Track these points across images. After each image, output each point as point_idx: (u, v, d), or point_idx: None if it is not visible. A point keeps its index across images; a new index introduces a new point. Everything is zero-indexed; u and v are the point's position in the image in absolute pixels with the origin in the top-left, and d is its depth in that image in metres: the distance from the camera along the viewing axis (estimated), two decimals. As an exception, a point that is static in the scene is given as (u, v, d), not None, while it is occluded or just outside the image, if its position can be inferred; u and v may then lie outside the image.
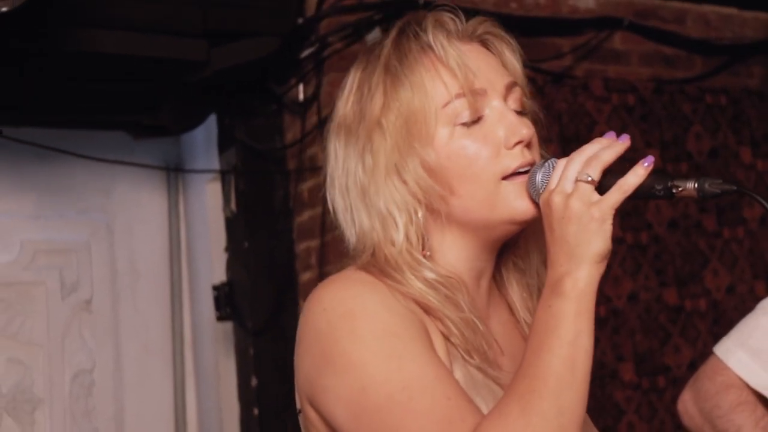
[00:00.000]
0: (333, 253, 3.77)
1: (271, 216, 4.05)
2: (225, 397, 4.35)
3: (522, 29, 3.94)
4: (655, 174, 1.37)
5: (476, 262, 1.54)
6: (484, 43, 1.56)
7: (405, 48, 1.52)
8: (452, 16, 1.55)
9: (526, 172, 1.48)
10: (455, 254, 1.52)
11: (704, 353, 4.00)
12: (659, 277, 4.04)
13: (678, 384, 3.92)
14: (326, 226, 3.79)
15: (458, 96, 1.48)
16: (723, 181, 1.35)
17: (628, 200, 1.38)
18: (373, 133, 1.50)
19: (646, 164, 1.37)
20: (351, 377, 1.37)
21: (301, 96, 3.96)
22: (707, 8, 4.45)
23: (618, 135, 1.45)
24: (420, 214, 1.49)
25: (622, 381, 3.76)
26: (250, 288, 4.04)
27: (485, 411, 1.36)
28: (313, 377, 1.43)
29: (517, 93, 1.53)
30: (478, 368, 1.45)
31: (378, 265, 1.47)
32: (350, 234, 1.54)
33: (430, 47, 1.51)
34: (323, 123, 3.80)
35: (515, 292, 1.63)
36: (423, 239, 1.50)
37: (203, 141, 4.55)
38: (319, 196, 3.85)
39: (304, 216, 3.98)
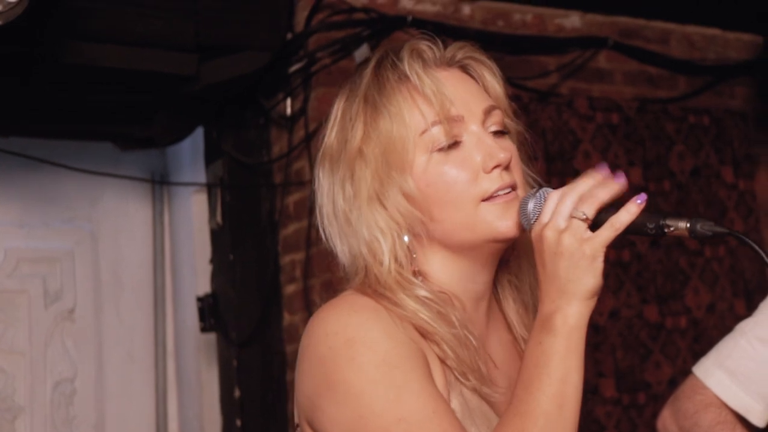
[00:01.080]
0: (318, 266, 3.77)
1: (256, 229, 4.05)
2: (207, 407, 4.34)
3: (508, 47, 3.98)
4: (647, 211, 1.38)
5: (472, 284, 1.55)
6: (464, 69, 1.58)
7: (383, 78, 1.54)
8: (430, 44, 1.57)
9: (506, 194, 1.49)
10: (447, 275, 1.54)
11: (684, 370, 4.02)
12: (641, 294, 4.06)
13: (658, 400, 3.93)
14: (311, 239, 3.79)
15: (434, 123, 1.49)
16: (715, 223, 1.36)
17: (620, 236, 1.39)
18: (354, 163, 1.53)
19: (639, 201, 1.37)
20: (350, 405, 1.38)
21: (288, 110, 3.96)
22: (691, 29, 4.49)
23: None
24: (405, 238, 1.51)
25: (602, 397, 3.77)
26: (234, 300, 4.03)
27: None
28: (314, 399, 1.44)
29: (496, 116, 1.54)
30: (474, 390, 1.46)
31: (372, 285, 1.49)
32: (343, 258, 1.56)
33: (407, 77, 1.53)
34: (310, 137, 3.83)
35: (512, 309, 1.64)
36: (411, 259, 1.52)
37: (189, 153, 4.55)
38: (304, 210, 3.85)
39: (290, 229, 3.98)
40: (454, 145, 1.50)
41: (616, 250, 3.98)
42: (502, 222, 1.48)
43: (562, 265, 1.37)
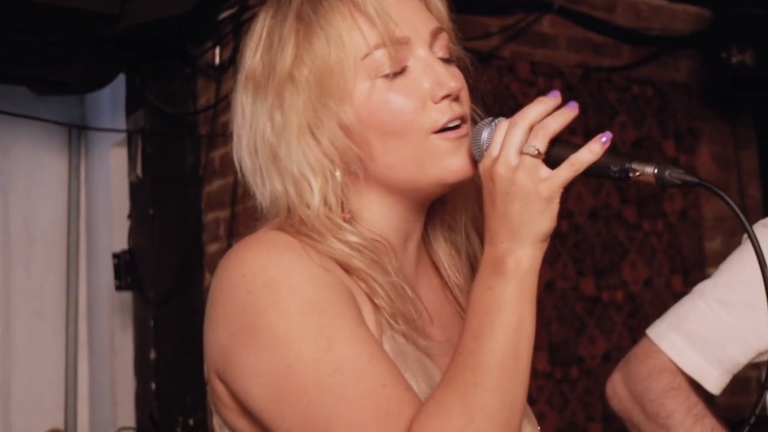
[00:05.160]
0: (243, 225, 3.64)
1: (179, 183, 3.90)
2: (120, 370, 4.23)
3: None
4: (611, 152, 1.26)
5: (403, 224, 1.43)
6: None
7: None
8: None
9: (456, 127, 1.36)
10: (380, 216, 1.41)
11: (619, 345, 3.99)
12: (577, 266, 3.99)
13: (591, 375, 3.90)
14: (237, 196, 3.67)
15: (378, 46, 1.35)
16: (685, 171, 1.25)
17: (579, 177, 1.27)
18: (283, 89, 1.37)
19: (603, 140, 1.25)
20: (275, 354, 1.24)
21: (217, 59, 3.81)
22: (637, -2, 4.42)
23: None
24: (337, 175, 1.37)
25: (534, 370, 3.68)
26: (153, 257, 3.90)
27: (415, 386, 1.28)
28: (228, 350, 1.29)
29: (443, 39, 1.40)
30: (404, 335, 1.34)
31: (295, 225, 1.35)
32: (262, 197, 1.41)
33: None
34: (239, 88, 3.67)
35: (443, 250, 1.52)
36: (342, 202, 1.38)
37: (110, 102, 4.40)
38: (231, 165, 3.69)
39: (214, 185, 3.85)
40: (399, 71, 1.35)
41: (553, 220, 3.90)
42: (453, 159, 1.35)
43: (515, 207, 1.25)
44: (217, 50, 3.80)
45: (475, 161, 1.34)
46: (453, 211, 1.51)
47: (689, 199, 4.29)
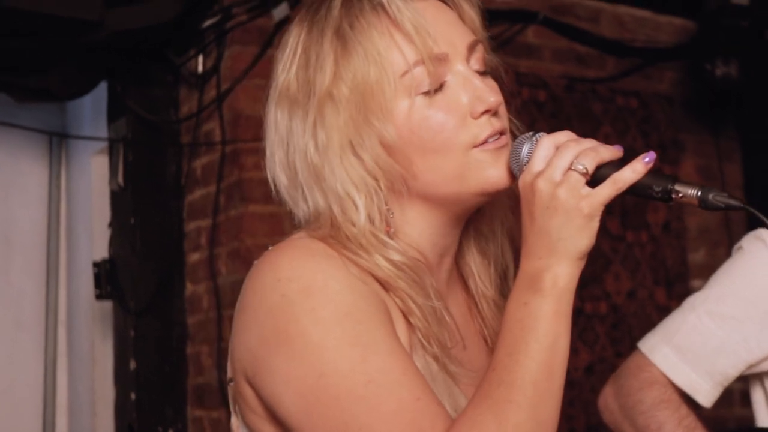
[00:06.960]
0: (225, 234, 3.63)
1: (160, 192, 3.88)
2: (100, 380, 4.19)
3: (435, 15, 3.83)
4: (654, 173, 1.27)
5: (442, 239, 1.43)
6: None
7: (356, 9, 1.38)
8: None
9: (496, 140, 1.37)
10: (419, 231, 1.40)
11: (602, 357, 3.98)
12: (560, 277, 3.97)
13: (574, 387, 3.88)
14: (219, 206, 3.65)
15: (417, 64, 1.35)
16: (729, 195, 1.27)
17: (619, 197, 1.28)
18: (324, 107, 1.36)
19: (646, 160, 1.26)
20: (308, 361, 1.24)
21: (200, 68, 3.80)
22: (622, 9, 4.41)
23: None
24: (381, 192, 1.36)
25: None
26: (134, 266, 3.87)
27: None
28: (260, 354, 1.29)
29: (479, 52, 1.40)
30: (436, 358, 1.34)
31: (339, 240, 1.34)
32: (302, 212, 1.41)
33: (383, 7, 1.37)
34: (222, 98, 3.66)
35: (476, 261, 1.51)
36: (386, 217, 1.38)
37: (91, 109, 4.36)
38: (213, 174, 3.69)
39: (196, 194, 3.83)
40: (438, 87, 1.35)
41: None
42: (493, 170, 1.35)
43: (554, 222, 1.26)
44: (200, 59, 3.79)
45: (513, 174, 1.35)
46: (490, 221, 1.51)
47: (673, 210, 4.29)
